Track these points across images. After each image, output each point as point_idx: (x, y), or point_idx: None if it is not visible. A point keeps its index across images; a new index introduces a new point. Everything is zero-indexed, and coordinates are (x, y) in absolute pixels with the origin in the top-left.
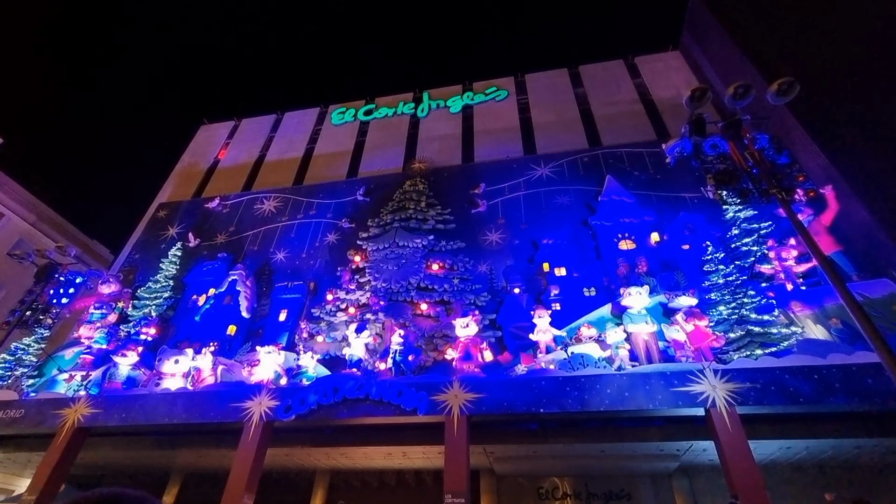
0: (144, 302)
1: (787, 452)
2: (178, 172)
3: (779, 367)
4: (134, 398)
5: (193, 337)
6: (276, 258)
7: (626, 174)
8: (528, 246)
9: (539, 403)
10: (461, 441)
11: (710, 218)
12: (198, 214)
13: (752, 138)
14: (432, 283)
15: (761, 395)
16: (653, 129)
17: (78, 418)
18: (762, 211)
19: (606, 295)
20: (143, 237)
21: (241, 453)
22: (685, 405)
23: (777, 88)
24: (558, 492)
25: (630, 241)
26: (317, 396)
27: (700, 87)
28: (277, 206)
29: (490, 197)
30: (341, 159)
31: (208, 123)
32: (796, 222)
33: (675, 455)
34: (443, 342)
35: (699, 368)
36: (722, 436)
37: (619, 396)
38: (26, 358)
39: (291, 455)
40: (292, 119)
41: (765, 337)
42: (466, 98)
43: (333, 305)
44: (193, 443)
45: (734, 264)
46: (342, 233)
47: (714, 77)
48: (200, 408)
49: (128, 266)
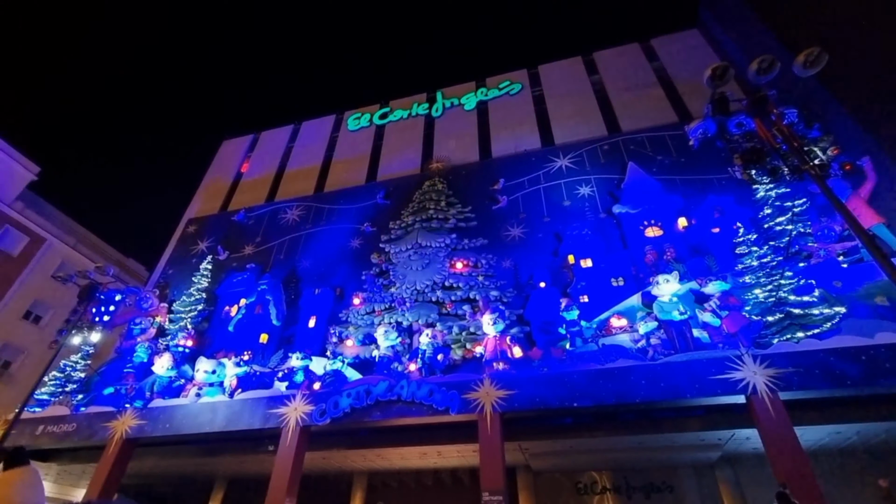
0: (180, 315)
1: (837, 438)
2: (205, 188)
3: (823, 349)
4: (176, 409)
5: (228, 347)
6: (302, 266)
7: (649, 159)
8: (551, 239)
9: (572, 397)
10: (495, 438)
11: (739, 199)
12: (225, 227)
13: (779, 114)
14: (457, 282)
15: (805, 380)
16: (674, 111)
17: (125, 430)
18: (795, 188)
19: (635, 284)
20: (175, 253)
21: (280, 458)
22: (724, 393)
23: (804, 60)
24: (597, 486)
25: (657, 228)
26: (350, 400)
27: (721, 64)
28: (300, 215)
29: (510, 192)
30: (360, 164)
31: (230, 138)
32: (832, 198)
33: (717, 444)
34: (471, 340)
35: (737, 354)
36: (765, 423)
37: (655, 386)
38: (75, 374)
39: (329, 458)
40: (310, 128)
41: (806, 319)
42: (480, 94)
43: (360, 309)
44: (234, 450)
45: (768, 245)
46: (365, 237)
47: (736, 53)
48: (239, 416)
49: (162, 281)
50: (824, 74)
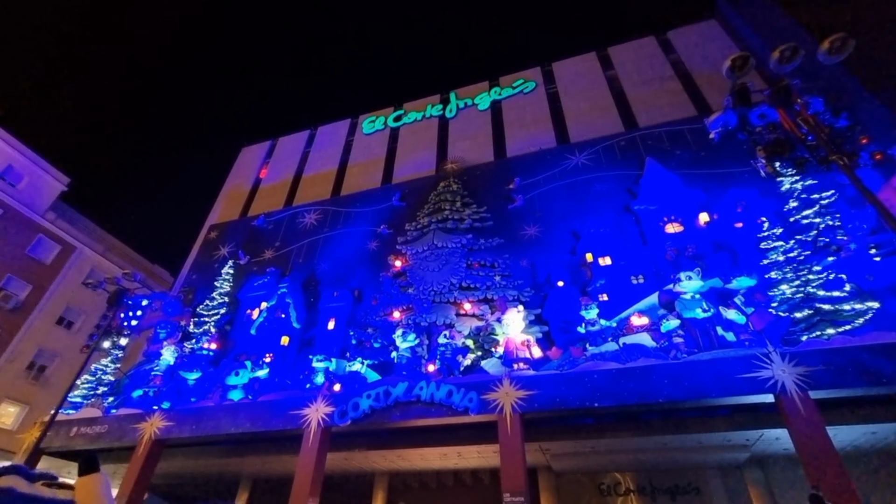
0: (204, 319)
1: (872, 438)
2: (226, 194)
3: (855, 345)
4: (202, 410)
5: (251, 349)
6: (320, 269)
7: (668, 154)
8: (568, 237)
9: (593, 397)
10: (516, 439)
11: (763, 192)
12: (245, 233)
13: (804, 103)
14: (474, 282)
15: (837, 378)
16: (692, 104)
17: (154, 431)
18: (822, 180)
19: (656, 282)
20: (198, 258)
21: (302, 458)
22: (751, 392)
23: (829, 47)
24: (621, 487)
25: (677, 224)
26: (370, 401)
27: (741, 54)
28: (318, 219)
29: (525, 191)
30: (375, 167)
31: (248, 145)
32: (862, 188)
33: (745, 445)
34: (489, 341)
35: (764, 352)
36: (795, 423)
37: (679, 386)
38: (105, 378)
39: (350, 459)
40: (325, 133)
41: (836, 315)
42: (494, 94)
43: (378, 311)
44: (258, 450)
45: (795, 239)
46: (381, 239)
47: (756, 42)
48: (263, 417)
49: (187, 286)
50: (851, 61)
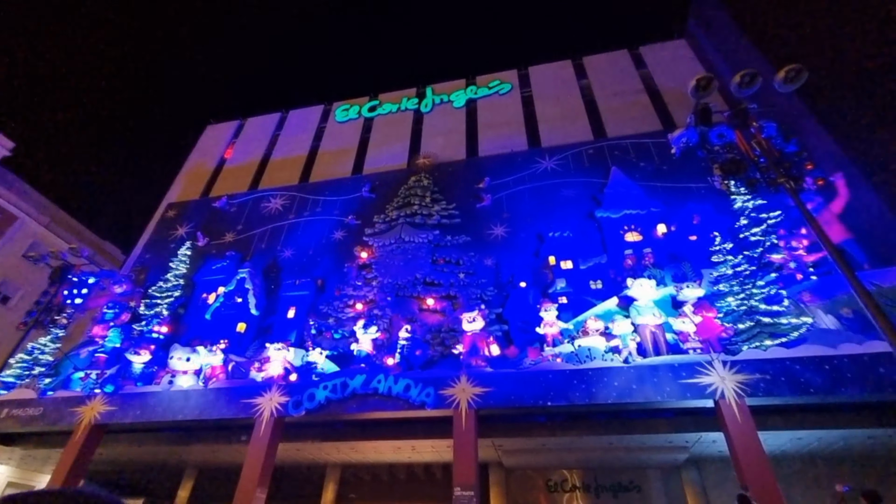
0: (156, 301)
1: (798, 444)
2: (186, 172)
3: (789, 357)
4: (148, 396)
5: (204, 335)
6: (283, 256)
7: (632, 165)
8: (533, 239)
9: (547, 397)
10: (469, 435)
11: (717, 208)
12: (206, 214)
13: (759, 127)
14: (438, 279)
15: (771, 386)
16: (658, 119)
17: (94, 416)
18: (771, 200)
19: (613, 287)
20: (153, 237)
21: (252, 448)
22: (694, 397)
23: (784, 76)
24: (567, 484)
25: (636, 233)
26: (326, 392)
27: (706, 75)
28: (284, 204)
29: (495, 191)
30: (346, 156)
31: (214, 123)
32: (805, 211)
33: (685, 447)
34: (450, 337)
35: (708, 360)
36: (731, 427)
37: (627, 389)
38: (43, 357)
39: (303, 450)
40: (297, 117)
41: (774, 328)
42: (470, 92)
43: (341, 302)
44: (207, 439)
45: (743, 255)
46: (348, 229)
47: (721, 65)
48: (213, 405)
49: (139, 266)
50: (804, 91)
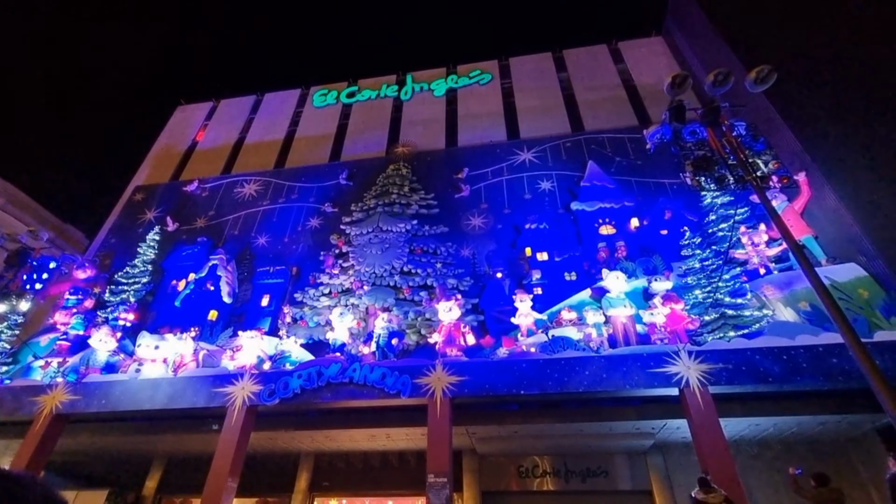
0: (122, 287)
1: (755, 429)
2: (155, 154)
3: (750, 348)
4: (113, 385)
5: (174, 322)
6: (257, 243)
7: (608, 159)
8: (510, 230)
9: (520, 385)
10: (444, 423)
11: (688, 204)
12: (176, 198)
13: (729, 125)
14: (416, 268)
15: (733, 376)
16: (634, 114)
17: (56, 405)
18: (738, 197)
19: (587, 279)
20: (119, 221)
21: (224, 438)
22: (660, 385)
23: (755, 76)
24: (538, 470)
25: (610, 227)
26: (300, 381)
27: (681, 73)
28: (258, 190)
29: (473, 181)
30: (324, 142)
31: (185, 104)
32: (770, 208)
33: (651, 433)
34: (426, 326)
35: (674, 350)
36: (695, 414)
37: (598, 378)
38: (0, 345)
39: (276, 438)
40: (273, 100)
41: (738, 319)
42: (450, 81)
43: (316, 290)
44: (176, 428)
45: (710, 249)
46: (325, 217)
47: (695, 63)
48: (183, 393)
49: (104, 251)
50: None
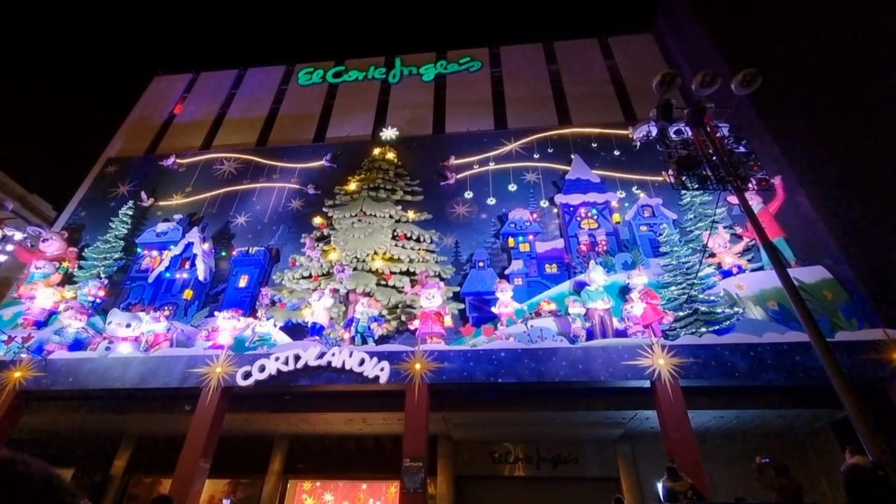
0: (92, 262)
1: (720, 421)
2: (130, 126)
3: (720, 343)
4: (82, 362)
5: (146, 300)
6: (236, 222)
7: (593, 154)
8: (494, 220)
9: (498, 374)
10: (421, 408)
11: (668, 202)
12: (151, 172)
13: (714, 126)
14: (398, 254)
15: (702, 370)
16: (621, 110)
17: (20, 382)
18: (715, 197)
19: (568, 272)
20: (89, 194)
21: (197, 418)
22: (633, 377)
23: (741, 79)
24: (511, 456)
25: (592, 221)
26: (278, 363)
27: (670, 71)
28: (238, 168)
29: (459, 170)
30: (308, 122)
31: (163, 75)
32: (748, 210)
33: (621, 423)
34: (406, 313)
35: (648, 343)
36: (664, 406)
37: (574, 368)
38: None
39: (250, 420)
40: (256, 75)
41: (710, 316)
42: (440, 67)
43: (296, 272)
44: (147, 408)
45: (688, 247)
46: (307, 199)
47: (683, 63)
48: (155, 373)
49: (73, 223)
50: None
